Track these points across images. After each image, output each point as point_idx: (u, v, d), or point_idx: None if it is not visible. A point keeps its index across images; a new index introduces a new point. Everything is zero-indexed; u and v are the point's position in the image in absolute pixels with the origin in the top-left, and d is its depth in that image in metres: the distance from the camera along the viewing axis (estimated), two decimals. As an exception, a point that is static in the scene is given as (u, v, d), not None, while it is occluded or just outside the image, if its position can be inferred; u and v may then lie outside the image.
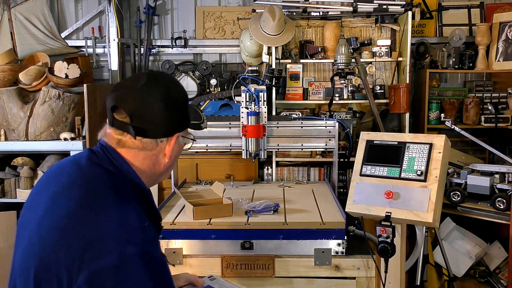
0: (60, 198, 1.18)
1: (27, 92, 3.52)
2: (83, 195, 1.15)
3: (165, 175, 1.35)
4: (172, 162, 1.31)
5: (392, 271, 2.16)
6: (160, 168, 1.29)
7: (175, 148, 1.28)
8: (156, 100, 1.21)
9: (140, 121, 1.20)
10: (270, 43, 3.57)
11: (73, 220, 1.12)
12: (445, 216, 3.50)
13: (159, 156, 1.27)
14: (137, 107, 1.20)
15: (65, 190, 1.18)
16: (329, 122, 3.15)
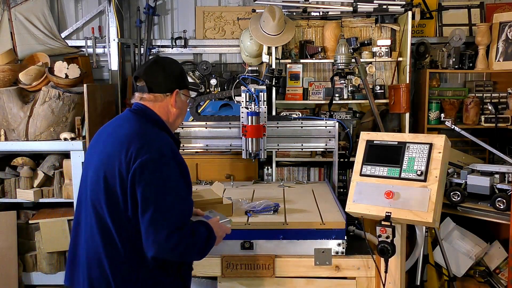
0: (116, 130, 1.80)
1: (27, 92, 3.52)
2: (132, 126, 1.77)
3: (177, 122, 1.92)
4: (179, 112, 1.89)
5: (392, 271, 2.17)
6: (171, 115, 1.88)
7: (177, 101, 1.87)
8: (158, 69, 1.86)
9: (150, 82, 1.83)
10: (270, 43, 3.57)
11: (129, 136, 1.72)
12: (445, 216, 3.50)
13: (168, 106, 1.86)
14: (147, 75, 1.84)
15: (119, 127, 1.80)
16: (329, 122, 3.15)
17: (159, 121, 1.83)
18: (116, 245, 1.68)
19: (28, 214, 3.66)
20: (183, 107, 1.91)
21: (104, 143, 1.78)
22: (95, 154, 1.80)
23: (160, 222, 1.62)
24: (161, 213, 1.63)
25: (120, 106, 4.04)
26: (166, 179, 1.67)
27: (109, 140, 1.77)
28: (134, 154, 1.66)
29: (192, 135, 3.18)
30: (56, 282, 3.58)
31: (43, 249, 3.53)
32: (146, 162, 1.64)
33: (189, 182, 1.79)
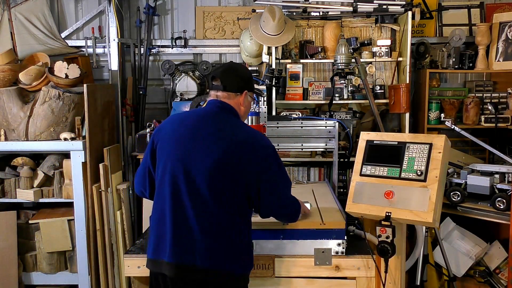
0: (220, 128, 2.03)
1: (27, 92, 3.52)
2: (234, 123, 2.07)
3: (244, 118, 2.21)
4: (245, 111, 2.18)
5: (392, 271, 2.17)
6: (241, 112, 2.15)
7: (245, 100, 2.14)
8: (233, 71, 2.16)
9: (224, 82, 2.09)
10: (270, 43, 3.57)
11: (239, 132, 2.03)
12: (445, 216, 3.50)
13: (239, 104, 2.12)
14: (223, 76, 2.11)
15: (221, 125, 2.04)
16: (329, 122, 3.15)
17: (237, 115, 2.12)
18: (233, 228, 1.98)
19: (28, 214, 3.66)
20: (248, 107, 2.20)
21: (217, 139, 1.97)
22: (188, 152, 1.97)
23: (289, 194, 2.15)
24: (288, 187, 2.14)
25: (120, 106, 4.04)
26: (281, 163, 2.20)
27: (222, 138, 1.97)
28: (255, 148, 2.01)
29: (192, 135, 3.17)
30: (56, 282, 3.58)
31: (43, 249, 3.53)
32: (269, 152, 2.11)
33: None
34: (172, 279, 1.95)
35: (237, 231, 1.99)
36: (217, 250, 1.93)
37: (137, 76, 4.15)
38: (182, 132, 2.01)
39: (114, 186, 3.49)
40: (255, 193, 1.99)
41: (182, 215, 1.93)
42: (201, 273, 1.92)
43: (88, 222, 3.44)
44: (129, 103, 4.08)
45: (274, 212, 2.11)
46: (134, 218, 3.84)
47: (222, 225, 1.94)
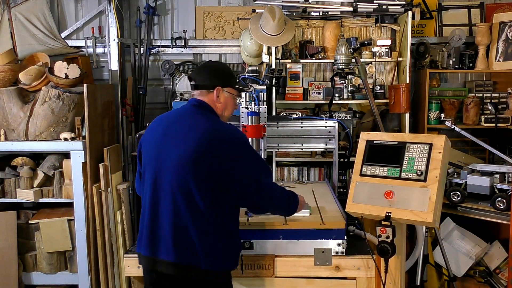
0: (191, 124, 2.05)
1: (27, 92, 3.52)
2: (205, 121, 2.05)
3: (224, 115, 2.19)
4: (223, 107, 2.16)
5: (392, 271, 2.17)
6: (217, 109, 2.15)
7: (221, 97, 2.14)
8: (205, 70, 2.22)
9: (197, 81, 2.16)
10: (270, 43, 3.57)
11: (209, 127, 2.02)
12: (445, 216, 3.50)
13: (213, 101, 2.14)
14: (195, 75, 2.20)
15: (191, 121, 2.06)
16: (329, 122, 3.15)
17: (213, 112, 2.14)
18: (206, 224, 1.96)
19: (28, 214, 3.66)
20: (227, 103, 2.18)
21: (177, 134, 2.02)
22: (166, 146, 2.02)
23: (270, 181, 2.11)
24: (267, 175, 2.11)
25: (120, 106, 4.04)
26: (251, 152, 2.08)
27: (184, 133, 2.01)
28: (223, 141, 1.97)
29: (192, 135, 3.18)
30: (56, 282, 3.58)
31: (43, 249, 3.53)
32: (240, 144, 2.02)
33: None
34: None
35: (213, 227, 1.98)
36: (182, 246, 1.96)
37: (137, 76, 4.14)
38: (159, 132, 2.09)
39: (114, 186, 3.49)
40: (233, 187, 1.98)
41: (156, 212, 2.02)
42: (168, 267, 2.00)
43: (88, 222, 3.44)
44: (129, 103, 4.07)
45: (260, 204, 2.08)
46: (134, 218, 3.84)
47: (189, 222, 1.95)
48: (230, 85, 2.20)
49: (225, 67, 2.29)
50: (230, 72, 2.26)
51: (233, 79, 2.24)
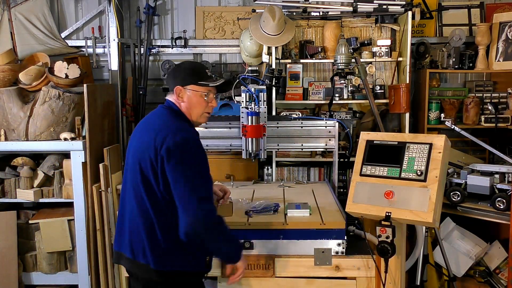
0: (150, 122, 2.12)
1: (27, 92, 3.52)
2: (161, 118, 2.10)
3: (193, 114, 2.14)
4: (188, 106, 2.12)
5: (392, 271, 2.17)
6: (182, 107, 2.13)
7: (182, 96, 2.12)
8: (171, 72, 2.21)
9: (166, 83, 2.68)
10: (270, 43, 3.57)
11: (158, 127, 2.02)
12: (445, 216, 3.50)
13: (177, 100, 2.13)
14: (166, 78, 2.49)
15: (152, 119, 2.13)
16: (329, 122, 3.15)
17: (178, 112, 2.12)
18: (153, 224, 1.98)
19: (28, 214, 3.65)
20: (191, 101, 2.12)
21: (141, 133, 2.10)
22: (133, 142, 2.12)
23: (191, 193, 1.90)
24: (191, 186, 1.91)
25: (120, 106, 4.04)
26: (190, 159, 1.94)
27: (144, 131, 2.08)
28: (162, 141, 1.93)
29: (192, 135, 3.18)
30: (56, 282, 3.58)
31: (43, 249, 3.53)
32: (172, 146, 1.92)
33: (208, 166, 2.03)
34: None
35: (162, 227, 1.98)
36: (136, 243, 2.03)
37: (137, 76, 4.15)
38: (135, 132, 2.18)
39: (114, 186, 3.49)
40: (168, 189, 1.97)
41: (123, 208, 2.14)
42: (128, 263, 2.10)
43: (88, 222, 3.44)
44: (129, 103, 4.07)
45: (180, 217, 1.93)
46: (134, 218, 3.84)
47: (137, 220, 2.02)
48: (192, 82, 2.12)
49: (189, 66, 2.22)
50: (194, 70, 2.17)
51: (196, 76, 2.13)
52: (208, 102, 2.14)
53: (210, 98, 2.15)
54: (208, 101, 2.14)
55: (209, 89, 2.14)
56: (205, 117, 2.17)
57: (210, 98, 2.15)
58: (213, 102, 2.17)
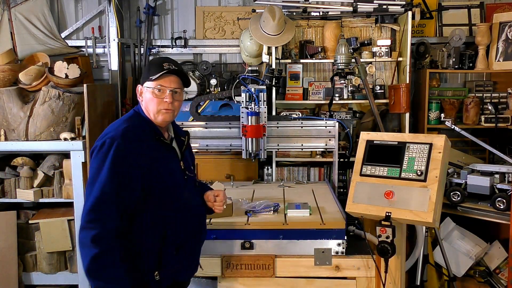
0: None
1: (27, 92, 3.52)
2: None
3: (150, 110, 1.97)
4: (145, 105, 1.98)
5: (392, 271, 2.17)
6: (143, 107, 2.00)
7: (141, 94, 2.00)
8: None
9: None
10: (270, 43, 3.57)
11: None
12: (445, 216, 3.50)
13: (140, 100, 2.02)
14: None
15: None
16: (329, 122, 3.15)
17: (137, 113, 2.00)
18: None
19: (28, 214, 3.65)
20: (146, 99, 1.98)
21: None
22: None
23: (85, 207, 1.78)
24: (86, 198, 1.80)
25: (120, 106, 4.04)
26: (97, 167, 1.80)
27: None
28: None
29: (192, 135, 3.18)
30: (56, 282, 3.58)
31: (43, 249, 3.53)
32: (92, 150, 1.85)
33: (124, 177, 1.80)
34: None
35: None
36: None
37: (137, 76, 4.14)
38: None
39: (114, 186, 3.49)
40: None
41: None
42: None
43: (88, 222, 3.44)
44: (129, 103, 4.07)
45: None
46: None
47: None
48: (146, 79, 1.99)
49: (148, 62, 2.18)
50: (150, 66, 2.04)
51: (148, 72, 1.99)
52: (160, 98, 1.95)
53: (161, 93, 1.95)
54: (159, 96, 1.95)
55: (159, 82, 1.96)
56: (162, 114, 1.97)
57: (161, 93, 1.95)
58: (167, 97, 1.95)
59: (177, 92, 1.99)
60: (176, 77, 1.99)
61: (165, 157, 1.98)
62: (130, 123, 1.93)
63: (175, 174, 1.99)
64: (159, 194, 1.90)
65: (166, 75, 1.96)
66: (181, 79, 2.02)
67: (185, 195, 2.01)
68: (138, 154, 1.85)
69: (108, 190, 1.76)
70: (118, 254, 1.76)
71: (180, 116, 3.60)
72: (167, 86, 1.97)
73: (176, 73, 1.99)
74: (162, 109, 1.96)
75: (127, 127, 1.89)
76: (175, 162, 2.02)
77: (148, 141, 1.93)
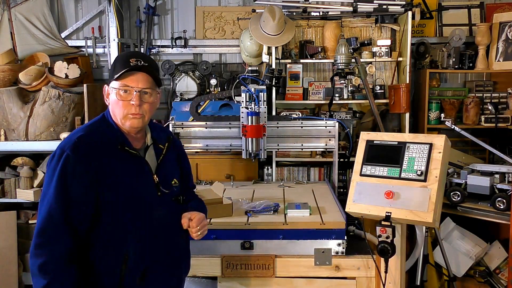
0: None
1: (27, 92, 3.52)
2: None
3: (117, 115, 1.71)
4: (110, 107, 1.73)
5: (392, 271, 2.17)
6: (110, 110, 1.75)
7: (107, 95, 1.75)
8: None
9: None
10: (270, 43, 3.57)
11: None
12: (445, 216, 3.50)
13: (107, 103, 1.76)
14: None
15: None
16: (329, 122, 3.15)
17: (102, 118, 1.78)
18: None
19: (28, 214, 3.66)
20: (111, 102, 1.72)
21: None
22: None
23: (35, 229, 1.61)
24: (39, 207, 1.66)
25: (120, 106, 4.04)
26: (46, 182, 1.64)
27: None
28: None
29: (192, 135, 3.18)
30: (56, 282, 3.58)
31: (43, 249, 3.53)
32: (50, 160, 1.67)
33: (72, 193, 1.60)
34: None
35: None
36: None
37: (137, 76, 4.14)
38: None
39: (114, 186, 3.49)
40: None
41: None
42: None
43: (88, 222, 3.44)
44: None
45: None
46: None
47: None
48: (111, 78, 1.71)
49: (115, 59, 1.80)
50: (115, 62, 1.75)
51: (113, 70, 1.72)
52: (126, 100, 1.67)
53: (128, 95, 1.67)
54: (124, 98, 1.67)
55: (124, 82, 1.67)
56: (129, 119, 1.69)
57: (128, 94, 1.67)
58: (133, 99, 1.66)
59: (147, 92, 1.69)
60: (145, 75, 1.69)
61: (129, 169, 1.70)
62: (89, 130, 1.70)
63: (141, 189, 1.71)
64: (114, 211, 1.65)
65: (132, 73, 1.66)
66: (152, 77, 1.71)
67: (155, 213, 1.74)
68: (90, 167, 1.61)
69: (55, 210, 1.57)
70: (69, 282, 1.57)
71: (180, 116, 3.61)
72: (134, 86, 1.67)
73: (145, 70, 1.68)
74: (128, 113, 1.68)
75: (82, 136, 1.65)
76: (145, 176, 1.73)
77: (109, 151, 1.67)
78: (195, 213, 1.84)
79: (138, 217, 1.69)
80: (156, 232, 1.74)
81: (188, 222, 1.81)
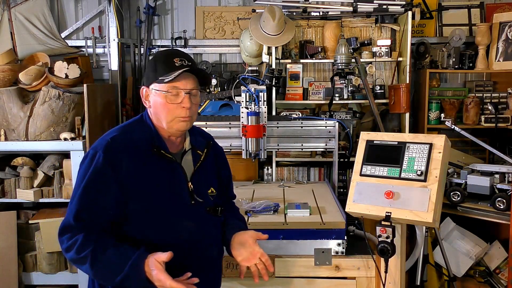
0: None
1: (27, 92, 3.52)
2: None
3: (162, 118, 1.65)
4: (153, 110, 1.67)
5: (392, 271, 2.16)
6: (152, 113, 1.69)
7: (148, 97, 1.68)
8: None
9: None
10: (270, 43, 3.57)
11: None
12: (445, 216, 3.50)
13: (147, 105, 1.71)
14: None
15: None
16: (329, 122, 3.15)
17: (139, 120, 1.73)
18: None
19: (28, 214, 3.65)
20: (155, 105, 1.65)
21: None
22: None
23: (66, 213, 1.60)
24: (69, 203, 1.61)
25: (120, 106, 4.04)
26: (77, 181, 1.61)
27: None
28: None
29: (192, 135, 3.18)
30: (56, 282, 3.58)
31: (43, 249, 3.53)
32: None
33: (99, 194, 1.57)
34: None
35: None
36: None
37: (137, 76, 4.15)
38: None
39: (114, 186, 3.49)
40: None
41: None
42: None
43: (88, 222, 3.44)
44: (129, 103, 4.07)
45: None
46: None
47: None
48: (154, 80, 1.64)
49: (154, 57, 1.71)
50: (156, 62, 1.66)
51: (156, 71, 1.64)
52: (175, 103, 1.61)
53: (176, 97, 1.61)
54: (173, 101, 1.61)
55: (173, 85, 1.60)
56: (178, 122, 1.63)
57: (177, 97, 1.61)
58: (184, 102, 1.61)
59: (194, 94, 1.64)
60: (191, 75, 1.63)
61: (162, 174, 1.63)
62: (123, 131, 1.66)
63: (172, 196, 1.63)
64: (139, 217, 1.59)
65: (182, 75, 1.60)
66: (197, 77, 1.66)
67: (185, 224, 1.64)
68: (121, 169, 1.56)
69: (82, 211, 1.55)
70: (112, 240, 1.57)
71: (180, 116, 3.62)
72: (183, 88, 1.61)
73: (191, 69, 1.62)
74: (178, 117, 1.62)
75: (115, 136, 1.61)
76: (178, 182, 1.66)
77: (142, 154, 1.61)
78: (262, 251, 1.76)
79: (164, 228, 1.61)
80: (182, 246, 1.61)
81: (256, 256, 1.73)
